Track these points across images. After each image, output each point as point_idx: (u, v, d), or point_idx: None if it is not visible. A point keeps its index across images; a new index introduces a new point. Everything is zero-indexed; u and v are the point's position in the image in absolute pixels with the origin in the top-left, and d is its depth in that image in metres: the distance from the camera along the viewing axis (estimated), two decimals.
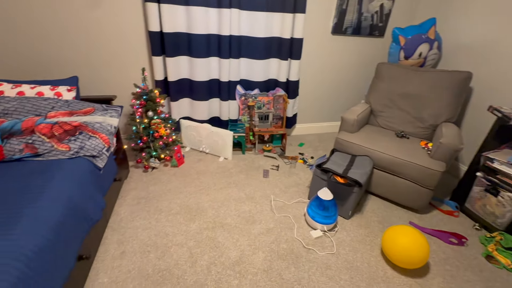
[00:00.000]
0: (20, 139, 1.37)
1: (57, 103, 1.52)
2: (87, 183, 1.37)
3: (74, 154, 1.42)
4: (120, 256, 1.46)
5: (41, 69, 2.01)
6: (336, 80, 2.88)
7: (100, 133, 1.54)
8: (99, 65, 2.13)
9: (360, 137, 2.08)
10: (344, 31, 2.58)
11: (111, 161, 1.70)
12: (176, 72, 2.24)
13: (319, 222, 1.67)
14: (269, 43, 2.37)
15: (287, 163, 2.46)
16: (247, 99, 2.54)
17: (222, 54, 2.25)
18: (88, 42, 2.03)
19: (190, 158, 2.42)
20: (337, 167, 1.81)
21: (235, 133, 2.42)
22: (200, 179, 2.14)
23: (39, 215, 1.05)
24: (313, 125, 3.09)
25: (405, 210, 1.97)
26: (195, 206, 1.86)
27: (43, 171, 1.29)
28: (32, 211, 1.06)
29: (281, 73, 2.50)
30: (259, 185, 2.13)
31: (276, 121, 2.74)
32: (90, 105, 1.62)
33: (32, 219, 1.03)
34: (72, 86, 1.67)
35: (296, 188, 2.12)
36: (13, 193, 1.14)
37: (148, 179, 2.10)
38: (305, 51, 2.59)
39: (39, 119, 1.43)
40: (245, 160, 2.46)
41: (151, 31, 2.03)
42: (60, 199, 1.17)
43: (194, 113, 2.50)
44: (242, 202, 1.93)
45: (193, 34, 2.13)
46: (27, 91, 1.55)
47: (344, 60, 2.77)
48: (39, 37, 1.92)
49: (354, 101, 3.10)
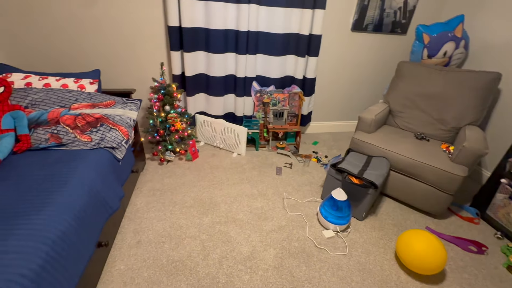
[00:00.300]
0: (46, 129, 1.43)
1: (81, 95, 1.58)
2: (107, 173, 1.42)
3: (96, 145, 1.47)
4: (136, 245, 1.51)
5: (65, 62, 2.09)
6: (354, 79, 2.81)
7: (119, 125, 1.59)
8: (119, 58, 2.18)
9: (377, 137, 2.03)
10: (365, 28, 2.50)
11: (129, 153, 1.75)
12: (193, 67, 2.27)
13: (331, 222, 1.65)
14: (286, 39, 2.34)
15: (300, 161, 2.45)
16: (262, 95, 2.53)
17: (239, 50, 2.25)
18: (110, 36, 2.08)
19: (204, 153, 2.45)
20: (353, 167, 1.78)
21: (249, 130, 2.42)
22: (214, 174, 2.17)
23: (63, 202, 1.10)
24: (328, 124, 3.04)
25: (421, 214, 1.91)
26: (208, 200, 1.88)
27: (67, 161, 1.34)
28: (57, 198, 1.11)
29: (298, 70, 2.47)
30: (272, 182, 2.13)
31: (290, 119, 2.72)
32: (110, 98, 1.67)
33: (57, 205, 1.08)
34: (94, 79, 1.73)
35: (309, 187, 2.11)
36: (40, 180, 1.19)
37: (163, 171, 2.15)
38: (323, 48, 2.54)
39: (64, 111, 1.49)
40: (259, 157, 2.46)
41: (170, 26, 2.05)
42: (82, 187, 1.22)
43: (209, 108, 2.52)
44: (254, 198, 1.94)
45: (211, 30, 2.14)
46: (53, 83, 1.62)
47: (363, 58, 2.70)
48: (64, 31, 1.99)
49: (372, 101, 3.02)
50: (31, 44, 1.98)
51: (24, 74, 1.62)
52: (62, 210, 1.08)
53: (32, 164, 1.31)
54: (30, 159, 1.34)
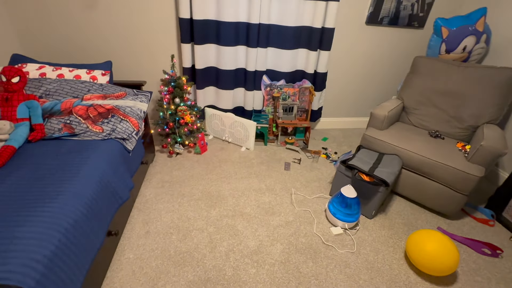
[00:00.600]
0: (59, 119, 1.46)
1: (93, 86, 1.60)
2: (118, 164, 1.44)
3: (107, 135, 1.49)
4: (144, 236, 1.53)
5: (78, 53, 2.11)
6: (367, 74, 2.74)
7: (130, 117, 1.60)
8: (131, 51, 2.19)
9: (390, 134, 1.97)
10: (380, 21, 2.42)
11: (139, 145, 1.76)
12: (203, 60, 2.25)
13: (340, 219, 1.63)
14: (298, 32, 2.29)
15: (309, 157, 2.42)
16: (272, 90, 2.50)
17: (250, 43, 2.22)
18: (121, 29, 2.09)
19: (213, 146, 2.46)
20: (363, 164, 1.75)
21: (258, 124, 2.41)
22: (222, 168, 2.17)
23: (75, 191, 1.12)
24: (338, 120, 2.99)
25: (433, 214, 1.86)
26: (216, 193, 1.89)
27: (79, 151, 1.37)
28: (69, 187, 1.13)
29: (309, 64, 2.42)
30: (280, 177, 2.12)
31: (300, 114, 2.68)
32: (122, 89, 1.69)
33: (69, 194, 1.10)
34: (106, 71, 1.74)
35: (317, 183, 2.08)
36: (53, 169, 1.22)
37: (172, 164, 2.17)
38: (336, 42, 2.48)
39: (76, 101, 1.51)
40: (267, 152, 2.45)
41: (182, 18, 2.04)
42: (94, 177, 1.24)
43: (219, 101, 2.51)
44: (262, 193, 1.93)
45: (222, 22, 2.12)
46: (66, 73, 1.64)
47: (377, 53, 2.62)
48: (77, 24, 2.01)
49: (385, 97, 2.94)
50: (45, 36, 2.01)
51: (39, 65, 1.65)
52: (74, 199, 1.10)
53: (45, 153, 1.34)
54: (44, 148, 1.37)
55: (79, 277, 1.03)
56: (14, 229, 0.91)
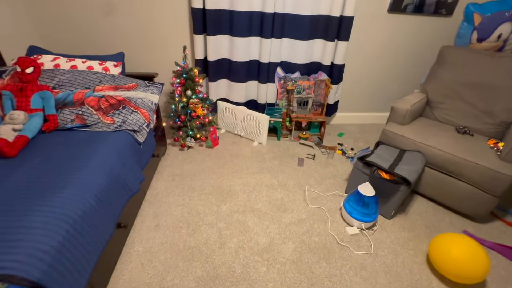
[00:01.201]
0: (72, 110, 1.46)
1: (105, 77, 1.58)
2: (128, 156, 1.42)
3: (117, 127, 1.47)
4: (154, 229, 1.51)
5: (92, 45, 2.12)
6: (388, 66, 2.59)
7: (141, 108, 1.58)
8: (143, 42, 2.17)
9: (412, 130, 1.85)
10: (404, 8, 2.26)
11: (150, 137, 1.75)
12: (216, 51, 2.20)
13: (356, 219, 1.54)
14: (315, 21, 2.18)
15: (324, 153, 2.32)
16: (286, 82, 2.42)
17: (264, 33, 2.14)
18: (134, 20, 2.07)
19: (224, 140, 2.41)
20: (383, 161, 1.64)
21: (271, 118, 2.33)
22: (233, 162, 2.13)
23: (85, 182, 1.11)
24: (355, 115, 2.86)
25: (458, 217, 1.73)
26: (227, 188, 1.85)
27: (90, 142, 1.36)
28: (79, 178, 1.12)
29: (326, 55, 2.31)
30: (293, 173, 2.04)
31: (315, 108, 2.58)
32: (133, 81, 1.67)
33: (79, 185, 1.09)
34: (118, 62, 1.73)
35: (332, 180, 1.99)
36: (64, 160, 1.21)
37: (183, 157, 2.15)
38: (354, 32, 2.34)
39: (88, 92, 1.50)
40: (280, 147, 2.38)
41: (194, 8, 1.99)
42: (104, 169, 1.22)
43: (231, 94, 2.46)
44: (274, 189, 1.87)
45: (236, 11, 2.05)
46: (79, 65, 1.64)
47: (399, 43, 2.46)
48: (90, 16, 2.01)
49: (406, 91, 2.77)
50: (61, 29, 2.02)
51: (53, 56, 1.65)
52: (83, 190, 1.09)
53: (58, 144, 1.34)
54: (57, 138, 1.37)
55: (87, 269, 1.02)
56: (22, 218, 0.90)
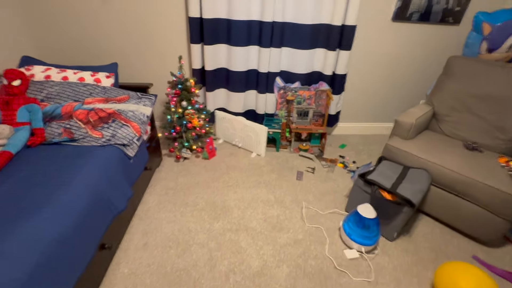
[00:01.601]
0: (60, 123, 1.41)
1: (95, 89, 1.54)
2: (116, 172, 1.36)
3: (106, 141, 1.42)
4: (142, 248, 1.45)
5: (84, 55, 2.09)
6: (391, 76, 2.49)
7: (132, 121, 1.53)
8: (138, 52, 2.14)
9: (417, 145, 1.75)
10: (409, 17, 2.17)
11: (142, 150, 1.69)
12: (213, 61, 2.15)
13: (356, 242, 1.45)
14: (316, 30, 2.11)
15: (324, 166, 2.23)
16: (286, 92, 2.34)
17: (263, 42, 2.08)
18: (129, 29, 2.03)
19: (222, 151, 2.35)
20: (385, 179, 1.54)
21: (270, 129, 2.26)
22: (230, 175, 2.05)
23: (66, 201, 1.06)
24: (357, 125, 2.76)
25: (467, 240, 1.62)
26: (221, 203, 1.77)
27: (76, 157, 1.30)
28: (61, 196, 1.07)
29: (327, 65, 2.23)
30: (291, 188, 1.96)
31: (316, 119, 2.50)
32: (125, 92, 1.62)
33: (60, 204, 1.04)
34: (110, 73, 1.68)
35: (332, 196, 1.90)
36: (48, 176, 1.16)
37: (178, 169, 2.09)
38: (357, 41, 2.26)
39: (77, 105, 1.45)
40: (279, 159, 2.30)
41: (191, 17, 1.94)
42: (88, 186, 1.17)
43: (229, 104, 2.40)
44: (270, 205, 1.79)
45: (234, 21, 1.99)
46: (70, 76, 1.60)
47: (404, 52, 2.37)
48: (84, 25, 1.98)
49: (411, 102, 2.67)
50: (55, 38, 2.00)
51: (45, 67, 1.62)
52: (64, 209, 1.04)
53: (43, 159, 1.29)
54: (43, 153, 1.32)
55: None
56: None
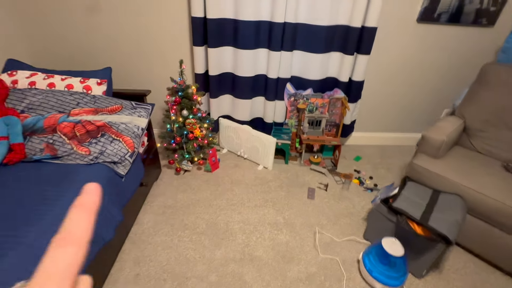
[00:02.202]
0: (42, 138, 1.24)
1: (83, 98, 1.37)
2: (104, 195, 1.19)
3: (93, 159, 1.24)
4: (133, 280, 1.27)
5: (79, 57, 1.92)
6: (413, 82, 2.26)
7: (124, 135, 1.35)
8: (137, 54, 1.96)
9: (448, 165, 1.53)
10: (437, 18, 1.94)
11: (137, 165, 1.51)
12: (218, 65, 1.96)
13: (378, 281, 1.24)
14: (332, 32, 1.90)
15: (338, 182, 2.02)
16: (297, 100, 2.14)
17: (273, 45, 1.88)
18: (125, 30, 1.86)
19: (226, 162, 2.16)
20: (413, 207, 1.33)
21: (278, 140, 2.06)
22: (234, 191, 1.86)
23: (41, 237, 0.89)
24: (374, 135, 2.54)
25: (507, 278, 1.39)
26: (224, 226, 1.59)
27: (58, 179, 1.14)
28: (35, 231, 0.91)
29: (343, 70, 2.02)
30: (302, 208, 1.76)
31: (329, 128, 2.29)
32: (118, 102, 1.44)
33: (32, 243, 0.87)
34: (102, 79, 1.51)
35: (348, 219, 1.69)
36: (22, 205, 1.00)
37: (178, 183, 1.91)
38: (376, 44, 2.04)
39: (62, 117, 1.28)
40: (288, 172, 2.10)
41: (194, 17, 1.76)
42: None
43: (234, 112, 2.21)
44: (279, 229, 1.59)
45: (241, 21, 1.80)
46: (57, 82, 1.43)
47: (429, 57, 2.14)
48: (78, 25, 1.81)
49: (434, 111, 2.43)
50: (46, 40, 1.84)
51: (30, 72, 1.45)
52: (37, 248, 0.86)
53: (20, 180, 1.12)
54: (21, 173, 1.16)
55: None
56: None
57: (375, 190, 1.97)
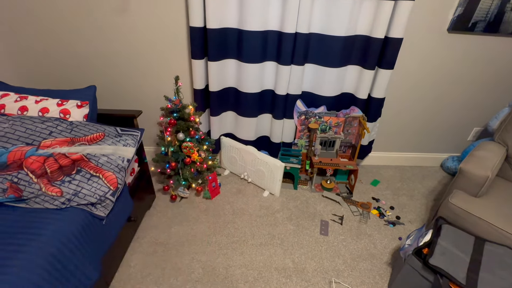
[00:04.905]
0: (5, 176, 1.03)
1: (58, 126, 1.15)
2: (76, 248, 0.97)
3: (65, 202, 1.03)
4: None
5: (61, 73, 1.73)
6: (439, 98, 2.00)
7: (105, 171, 1.13)
8: (127, 69, 1.75)
9: (493, 206, 1.27)
10: (472, 27, 1.69)
11: (124, 200, 1.29)
12: (220, 79, 1.74)
13: None
14: (350, 44, 1.66)
15: (355, 213, 1.78)
16: (308, 118, 1.90)
17: (282, 58, 1.65)
18: (117, 42, 1.65)
19: (227, 187, 1.93)
20: (454, 263, 1.08)
21: (287, 164, 1.82)
22: (236, 224, 1.64)
23: None
24: (392, 155, 2.28)
25: None
26: (223, 272, 1.36)
27: (19, 230, 0.93)
28: None
29: (362, 86, 1.78)
30: (314, 247, 1.52)
31: (344, 149, 2.05)
32: (99, 129, 1.23)
33: None
34: (83, 101, 1.30)
35: (368, 264, 1.45)
36: None
37: (173, 213, 1.69)
38: (400, 56, 1.79)
39: (30, 150, 1.07)
40: (297, 200, 1.86)
41: (193, 27, 1.54)
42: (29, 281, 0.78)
43: (238, 130, 1.98)
44: (287, 276, 1.35)
45: (246, 31, 1.57)
46: (31, 105, 1.23)
47: (460, 70, 1.88)
48: (62, 35, 1.62)
49: (462, 129, 2.17)
50: (30, 55, 1.65)
51: (1, 93, 1.25)
52: None
53: None
54: None
55: None
56: None
57: (398, 224, 1.72)
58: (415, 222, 1.75)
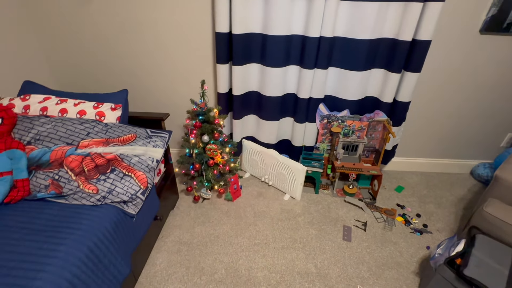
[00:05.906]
0: (47, 173, 1.11)
1: (94, 128, 1.23)
2: (110, 244, 1.02)
3: (101, 199, 1.09)
4: None
5: (96, 78, 1.83)
6: (469, 102, 1.92)
7: (136, 170, 1.18)
8: (155, 73, 1.83)
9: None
10: (506, 28, 1.61)
11: (152, 199, 1.34)
12: (243, 83, 1.77)
13: None
14: (375, 47, 1.64)
15: (379, 220, 1.73)
16: (330, 122, 1.89)
17: (306, 62, 1.65)
18: (144, 46, 1.73)
19: (248, 190, 1.95)
20: (491, 275, 1.02)
21: (309, 168, 1.81)
22: (257, 226, 1.65)
23: None
24: (417, 161, 2.20)
25: None
26: (246, 273, 1.37)
27: (59, 225, 0.99)
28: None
29: (387, 90, 1.74)
30: (337, 253, 1.49)
31: (367, 154, 2.00)
32: (131, 131, 1.29)
33: None
34: (117, 104, 1.37)
35: (394, 272, 1.40)
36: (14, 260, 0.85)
37: (196, 214, 1.73)
38: (427, 58, 1.74)
39: (70, 149, 1.14)
40: (318, 204, 1.84)
41: (218, 33, 1.59)
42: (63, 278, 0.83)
43: (259, 134, 2.00)
44: (310, 281, 1.34)
45: (270, 36, 1.60)
46: (70, 108, 1.31)
47: (494, 73, 1.79)
48: (95, 41, 1.72)
49: (493, 135, 2.05)
50: (67, 60, 1.77)
51: (44, 96, 1.35)
52: None
53: (14, 226, 0.98)
54: (18, 217, 1.02)
55: None
56: None
57: (425, 232, 1.65)
58: (444, 231, 1.67)
